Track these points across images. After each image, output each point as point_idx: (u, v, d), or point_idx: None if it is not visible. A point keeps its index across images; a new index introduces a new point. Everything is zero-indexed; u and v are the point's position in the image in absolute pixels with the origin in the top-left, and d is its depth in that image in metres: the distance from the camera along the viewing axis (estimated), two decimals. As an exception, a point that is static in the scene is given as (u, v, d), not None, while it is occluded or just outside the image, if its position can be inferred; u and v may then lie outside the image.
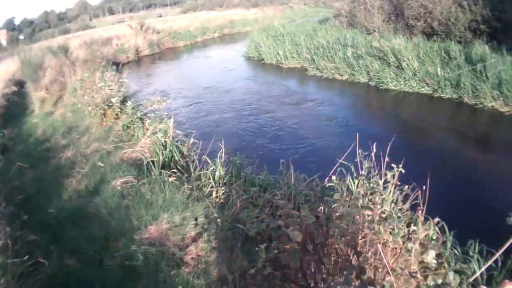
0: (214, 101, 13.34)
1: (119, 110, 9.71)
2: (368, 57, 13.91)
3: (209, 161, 6.28)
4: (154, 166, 6.44)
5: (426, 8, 15.29)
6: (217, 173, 6.00)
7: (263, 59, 19.13)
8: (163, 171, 6.28)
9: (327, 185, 4.64)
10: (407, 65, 12.44)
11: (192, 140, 7.91)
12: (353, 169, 4.95)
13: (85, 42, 23.48)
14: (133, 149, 7.47)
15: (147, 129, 8.16)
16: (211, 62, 21.28)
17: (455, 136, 9.15)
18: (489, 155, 8.00)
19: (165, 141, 7.50)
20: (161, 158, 6.93)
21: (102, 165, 6.87)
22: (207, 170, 6.10)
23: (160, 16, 46.25)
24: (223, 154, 6.32)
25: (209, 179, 5.93)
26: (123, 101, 10.37)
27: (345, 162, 5.02)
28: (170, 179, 5.92)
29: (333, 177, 3.93)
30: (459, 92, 10.95)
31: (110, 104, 9.68)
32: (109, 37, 26.41)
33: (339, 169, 4.86)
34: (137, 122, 8.90)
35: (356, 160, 4.35)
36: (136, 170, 6.52)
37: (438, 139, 8.90)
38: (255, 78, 16.69)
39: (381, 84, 12.72)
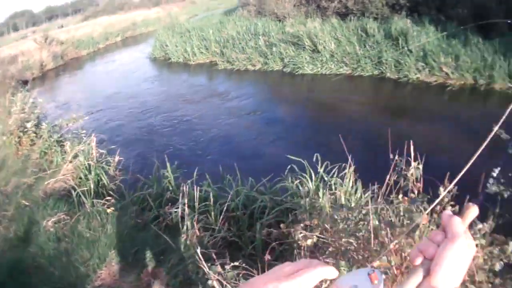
0: (122, 108, 12.12)
1: (34, 135, 8.71)
2: (281, 43, 12.90)
3: (142, 178, 5.74)
4: (85, 197, 5.66)
5: (340, -12, 14.40)
6: (154, 192, 5.40)
7: (169, 59, 17.59)
8: (95, 200, 5.55)
9: (279, 186, 4.63)
10: (324, 47, 11.51)
11: (117, 158, 7.19)
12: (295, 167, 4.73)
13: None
14: (56, 179, 6.68)
15: (66, 153, 7.40)
16: (115, 68, 19.72)
17: (377, 109, 8.81)
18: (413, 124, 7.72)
19: (88, 164, 6.67)
20: (91, 185, 6.13)
21: (27, 203, 6.04)
22: (143, 190, 5.48)
23: (62, 26, 43.03)
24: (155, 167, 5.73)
25: (147, 200, 5.26)
26: (38, 124, 9.48)
27: (296, 159, 4.71)
28: (108, 210, 5.26)
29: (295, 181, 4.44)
30: (380, 68, 10.27)
31: (25, 130, 8.77)
32: (15, 54, 24.82)
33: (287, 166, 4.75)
34: (55, 146, 8.01)
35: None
36: (66, 204, 5.77)
37: (359, 115, 8.48)
38: (161, 78, 15.51)
39: (296, 70, 11.73)
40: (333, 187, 4.15)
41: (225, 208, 4.35)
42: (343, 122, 8.06)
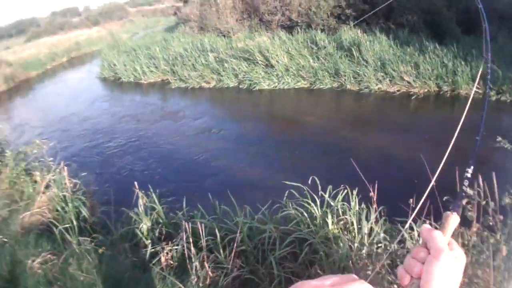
0: (80, 131, 11.52)
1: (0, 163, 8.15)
2: (232, 59, 12.62)
3: (128, 211, 5.15)
4: (68, 234, 5.18)
5: (283, 1, 14.37)
6: (144, 226, 4.86)
7: (119, 78, 16.87)
8: (82, 238, 5.07)
9: (282, 214, 4.28)
10: (277, 61, 11.32)
11: (92, 188, 6.80)
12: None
13: None
14: (31, 212, 6.18)
15: (36, 182, 6.88)
16: (66, 89, 18.81)
17: (345, 122, 8.62)
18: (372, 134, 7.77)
19: (63, 195, 6.20)
20: (72, 219, 5.65)
21: (6, 240, 5.50)
22: (131, 224, 5.02)
23: (8, 47, 40.88)
24: (141, 201, 5.05)
25: (140, 236, 4.81)
26: (1, 151, 8.74)
27: (295, 184, 4.32)
28: (100, 250, 4.72)
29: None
30: (340, 81, 10.18)
31: None
32: None
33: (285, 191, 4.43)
34: (23, 175, 7.41)
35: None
36: (49, 242, 5.22)
37: (325, 129, 8.33)
38: (113, 99, 14.76)
39: (253, 85, 11.45)
40: (340, 211, 3.97)
41: (234, 244, 3.93)
42: (310, 137, 7.91)
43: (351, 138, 7.54)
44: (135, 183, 4.94)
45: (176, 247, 4.23)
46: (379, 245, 3.45)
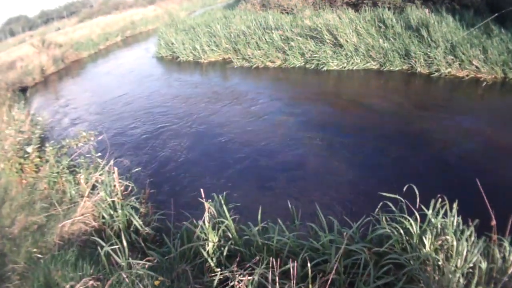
0: (135, 117, 11.08)
1: (39, 159, 7.47)
2: (299, 37, 12.37)
3: (190, 227, 4.30)
4: (119, 255, 4.09)
5: (350, -23, 14.02)
6: (210, 245, 3.99)
7: (178, 57, 16.95)
8: (133, 261, 3.98)
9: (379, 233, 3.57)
10: (346, 41, 11.08)
11: (148, 190, 5.92)
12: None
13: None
14: (73, 220, 5.36)
15: (78, 183, 6.13)
16: (120, 69, 18.69)
17: (420, 110, 8.13)
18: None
19: (112, 201, 5.32)
20: (121, 231, 4.80)
21: (40, 255, 4.75)
22: (193, 240, 4.16)
23: (59, 29, 42.05)
24: (206, 213, 4.20)
25: (205, 256, 3.94)
26: (41, 145, 8.13)
27: (391, 195, 3.77)
28: (156, 282, 3.68)
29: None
30: (410, 63, 9.88)
31: (26, 155, 7.44)
32: (13, 60, 23.72)
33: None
34: (66, 174, 6.60)
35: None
36: (91, 262, 4.31)
37: (406, 119, 7.80)
38: (171, 79, 14.58)
39: (321, 66, 11.28)
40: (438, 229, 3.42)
41: (329, 275, 3.23)
42: (384, 125, 7.57)
43: (427, 128, 7.13)
44: (201, 190, 4.22)
45: (251, 276, 3.36)
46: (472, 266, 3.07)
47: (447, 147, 6.36)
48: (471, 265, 3.07)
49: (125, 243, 4.11)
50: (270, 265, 3.20)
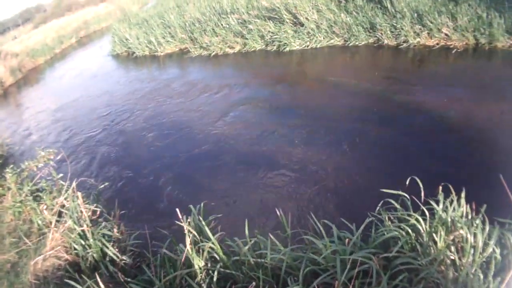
0: (97, 123, 10.24)
1: (0, 188, 6.74)
2: (257, 20, 11.70)
3: (169, 254, 3.83)
4: None
5: None
6: (197, 272, 3.56)
7: (133, 53, 16.16)
8: None
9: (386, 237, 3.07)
10: (306, 18, 10.44)
11: (118, 212, 5.16)
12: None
13: None
14: (44, 255, 4.76)
15: (45, 210, 5.42)
16: (77, 71, 17.85)
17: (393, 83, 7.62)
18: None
19: (82, 231, 4.74)
20: (97, 262, 4.45)
21: None
22: (177, 267, 3.69)
23: (15, 37, 40.41)
24: (187, 236, 3.66)
25: (194, 286, 3.49)
26: (1, 171, 7.29)
27: (394, 192, 3.34)
28: None
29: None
30: (376, 35, 9.36)
31: None
32: None
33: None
34: (30, 201, 5.92)
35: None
36: None
37: (377, 94, 7.33)
38: (128, 76, 13.86)
39: (283, 47, 10.65)
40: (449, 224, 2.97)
41: None
42: (354, 103, 7.09)
43: (401, 102, 6.69)
44: (177, 210, 3.77)
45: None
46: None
47: (427, 121, 5.88)
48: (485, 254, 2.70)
49: (102, 286, 3.40)
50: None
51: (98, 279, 3.45)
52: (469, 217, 2.98)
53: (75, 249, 4.76)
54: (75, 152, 8.81)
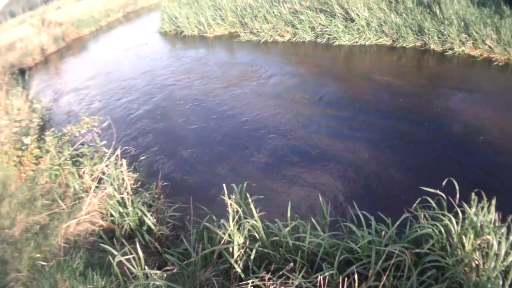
0: (141, 96, 10.81)
1: (38, 150, 6.82)
2: (308, 11, 12.07)
3: (210, 227, 3.85)
4: (133, 264, 3.51)
5: None
6: (235, 248, 3.56)
7: (182, 32, 16.67)
8: (150, 271, 3.45)
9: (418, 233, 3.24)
10: (357, 15, 10.84)
11: (160, 183, 5.29)
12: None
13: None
14: (78, 219, 4.77)
15: (81, 177, 5.61)
16: (123, 46, 18.30)
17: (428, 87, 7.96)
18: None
19: (122, 198, 4.76)
20: (133, 230, 4.44)
21: (45, 263, 4.20)
22: (219, 242, 3.68)
23: (59, 7, 40.97)
24: (230, 211, 3.74)
25: (230, 261, 3.51)
26: (41, 133, 7.53)
27: (431, 190, 3.53)
28: None
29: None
30: (423, 39, 9.70)
31: (24, 146, 6.74)
32: (12, 41, 23.44)
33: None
34: (68, 165, 6.04)
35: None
36: (104, 274, 3.74)
37: (414, 95, 7.66)
38: (175, 55, 14.34)
39: (332, 40, 11.04)
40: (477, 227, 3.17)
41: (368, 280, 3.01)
42: (410, 108, 7.18)
43: (444, 108, 6.94)
44: (224, 186, 3.80)
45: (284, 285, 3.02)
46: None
47: (467, 131, 6.16)
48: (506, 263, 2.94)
49: (140, 253, 3.51)
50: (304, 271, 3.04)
51: (138, 245, 3.55)
52: (496, 224, 3.17)
53: (111, 215, 4.77)
54: (116, 122, 9.08)
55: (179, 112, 9.22)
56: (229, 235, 3.60)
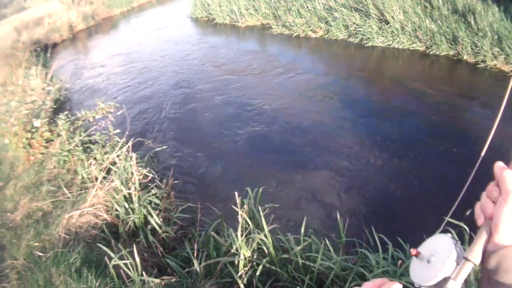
0: (165, 83, 10.87)
1: (49, 133, 6.68)
2: (343, 9, 12.10)
3: (216, 237, 3.72)
4: (130, 269, 3.50)
5: None
6: (241, 262, 3.41)
7: (213, 19, 16.77)
8: (147, 278, 3.39)
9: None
10: (392, 17, 10.88)
11: (171, 181, 5.17)
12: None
13: (15, 27, 20.67)
14: (81, 211, 4.68)
15: (92, 163, 5.42)
16: (154, 29, 18.39)
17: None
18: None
19: (128, 193, 4.65)
20: (137, 230, 4.37)
21: (42, 254, 4.07)
22: (226, 253, 3.57)
23: None
24: (240, 219, 3.64)
25: (234, 276, 3.34)
26: (54, 116, 7.36)
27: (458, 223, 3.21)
28: None
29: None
30: (457, 49, 9.73)
31: (34, 129, 6.58)
32: (41, 16, 23.64)
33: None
34: (79, 151, 5.94)
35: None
36: (99, 275, 3.62)
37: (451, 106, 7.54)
38: (205, 42, 14.40)
39: (365, 41, 11.08)
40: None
41: None
42: (438, 118, 7.09)
43: (473, 123, 6.75)
44: (236, 194, 3.69)
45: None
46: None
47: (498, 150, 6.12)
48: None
49: (137, 259, 3.48)
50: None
51: (135, 249, 3.49)
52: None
53: (116, 210, 4.64)
54: (134, 109, 9.14)
55: (202, 104, 9.25)
56: (237, 249, 3.49)
